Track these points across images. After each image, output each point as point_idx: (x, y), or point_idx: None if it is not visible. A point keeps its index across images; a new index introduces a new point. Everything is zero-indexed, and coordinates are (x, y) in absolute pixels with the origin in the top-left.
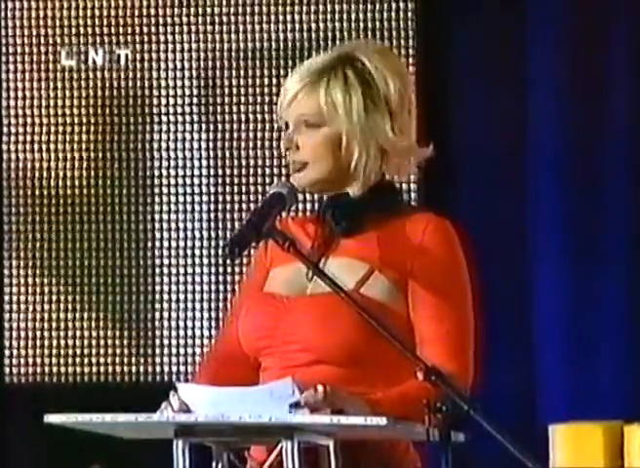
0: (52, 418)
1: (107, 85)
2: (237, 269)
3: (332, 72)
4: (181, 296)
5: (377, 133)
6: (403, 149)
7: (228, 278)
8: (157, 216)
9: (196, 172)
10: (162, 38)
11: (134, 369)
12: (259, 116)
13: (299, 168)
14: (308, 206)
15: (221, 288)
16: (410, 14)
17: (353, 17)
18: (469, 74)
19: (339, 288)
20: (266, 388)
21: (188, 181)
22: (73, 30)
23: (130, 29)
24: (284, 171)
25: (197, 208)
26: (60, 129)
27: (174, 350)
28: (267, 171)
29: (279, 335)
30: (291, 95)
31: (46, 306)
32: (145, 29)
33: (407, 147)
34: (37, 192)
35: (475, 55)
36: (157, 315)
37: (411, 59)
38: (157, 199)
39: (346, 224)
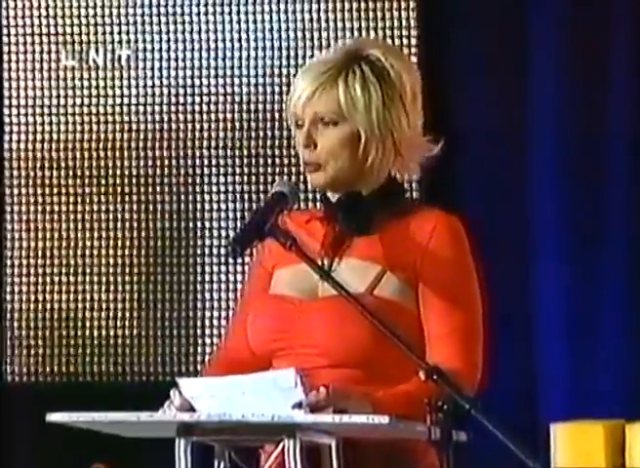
0: (53, 417)
1: (108, 85)
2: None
3: (348, 68)
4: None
5: (393, 129)
6: (415, 145)
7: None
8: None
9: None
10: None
11: (136, 368)
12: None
13: (314, 168)
14: (310, 205)
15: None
16: (411, 13)
17: (355, 15)
18: (470, 71)
19: (342, 288)
20: (270, 377)
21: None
22: (74, 30)
23: (130, 29)
24: None
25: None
26: (62, 128)
27: (175, 349)
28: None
29: (294, 338)
30: (308, 93)
31: (47, 305)
32: (148, 28)
33: (419, 144)
34: (39, 190)
35: (476, 50)
36: (159, 314)
37: (412, 56)
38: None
39: (360, 225)
